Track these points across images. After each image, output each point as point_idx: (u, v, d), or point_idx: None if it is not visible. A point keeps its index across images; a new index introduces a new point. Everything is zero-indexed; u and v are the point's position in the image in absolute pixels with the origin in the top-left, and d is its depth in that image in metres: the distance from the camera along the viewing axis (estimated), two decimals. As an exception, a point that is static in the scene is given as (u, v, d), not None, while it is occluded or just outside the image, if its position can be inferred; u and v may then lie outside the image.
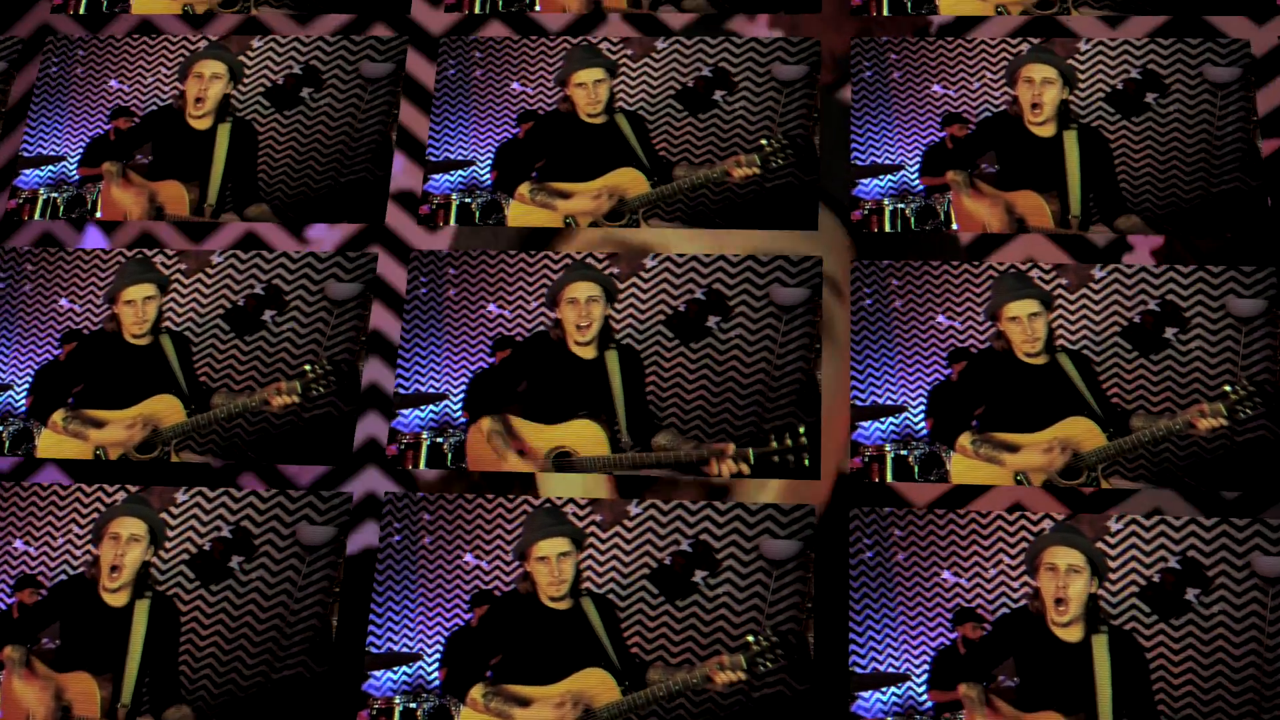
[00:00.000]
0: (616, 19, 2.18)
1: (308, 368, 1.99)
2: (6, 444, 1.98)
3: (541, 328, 1.99)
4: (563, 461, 1.91)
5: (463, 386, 1.97)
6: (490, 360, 1.98)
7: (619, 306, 1.99)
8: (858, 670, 1.75)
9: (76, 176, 2.16)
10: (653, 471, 1.88)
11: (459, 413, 1.95)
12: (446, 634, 1.82)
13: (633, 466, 1.89)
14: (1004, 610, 1.77)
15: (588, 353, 1.97)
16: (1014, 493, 1.83)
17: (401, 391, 1.96)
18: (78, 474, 1.95)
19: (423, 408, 1.96)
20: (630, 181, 2.07)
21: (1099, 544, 1.78)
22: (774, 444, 1.89)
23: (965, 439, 1.87)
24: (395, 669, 1.81)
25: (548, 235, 2.05)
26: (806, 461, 1.87)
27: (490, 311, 2.02)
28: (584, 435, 1.93)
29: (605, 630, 1.81)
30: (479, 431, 1.94)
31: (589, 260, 2.02)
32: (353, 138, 2.14)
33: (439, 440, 1.94)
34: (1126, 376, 1.88)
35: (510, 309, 2.01)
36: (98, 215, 2.13)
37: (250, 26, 2.24)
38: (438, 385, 1.97)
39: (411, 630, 1.83)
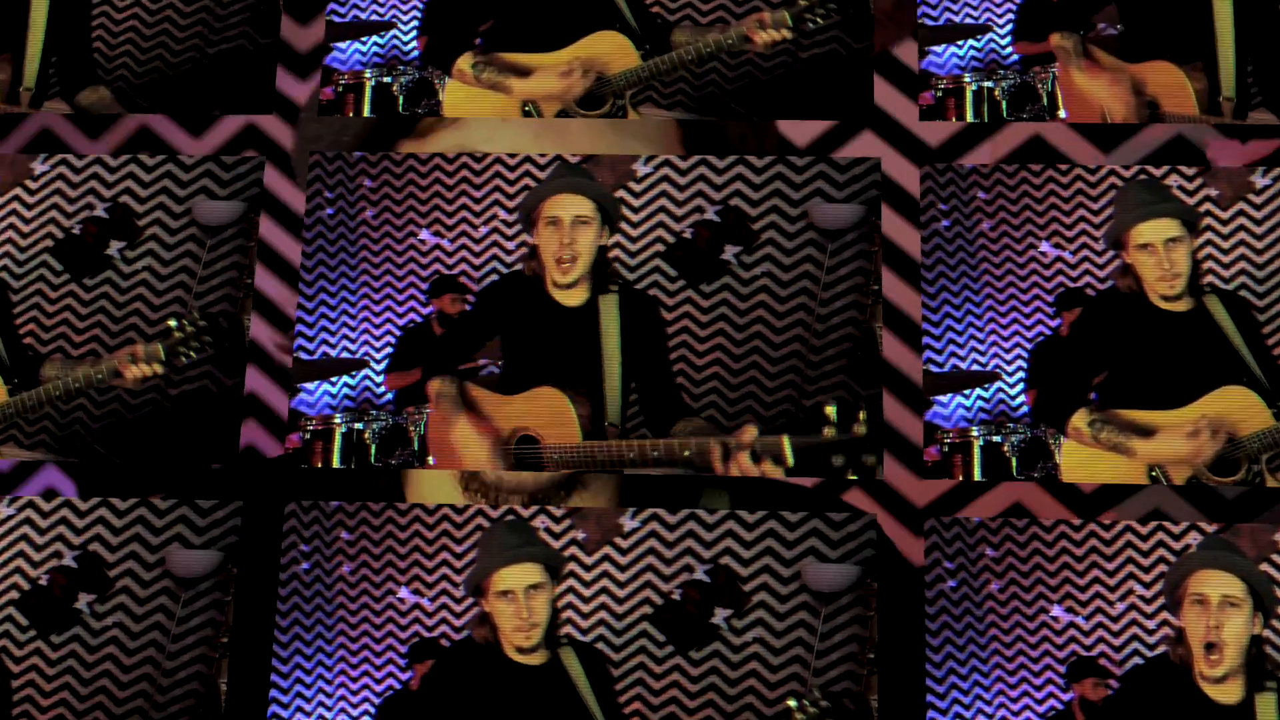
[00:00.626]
0: None
1: (172, 324, 1.45)
2: None
3: (506, 263, 1.46)
4: (526, 452, 1.42)
5: (387, 349, 1.44)
6: (425, 312, 1.45)
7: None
8: (937, 744, 1.31)
9: None
10: (646, 469, 1.42)
11: (382, 386, 1.43)
12: (377, 701, 1.35)
13: (612, 461, 1.39)
14: (1135, 661, 1.33)
15: (572, 297, 1.46)
16: (1148, 496, 1.34)
17: (304, 358, 1.44)
18: None
19: (334, 380, 1.44)
20: (612, 50, 1.51)
21: (1265, 567, 1.31)
22: (827, 432, 1.41)
23: (1080, 419, 1.38)
24: (309, 752, 1.35)
25: (483, 129, 1.47)
26: (871, 461, 1.38)
27: (423, 241, 1.48)
28: (549, 411, 1.42)
29: (593, 693, 1.34)
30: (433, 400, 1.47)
31: (580, 165, 1.48)
32: (224, -10, 1.57)
33: (358, 426, 1.42)
34: (1301, 328, 1.39)
35: (452, 237, 1.48)
36: None
37: None
38: (353, 349, 1.45)
39: (329, 696, 1.35)
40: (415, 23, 1.57)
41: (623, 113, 1.52)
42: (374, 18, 1.58)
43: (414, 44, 1.57)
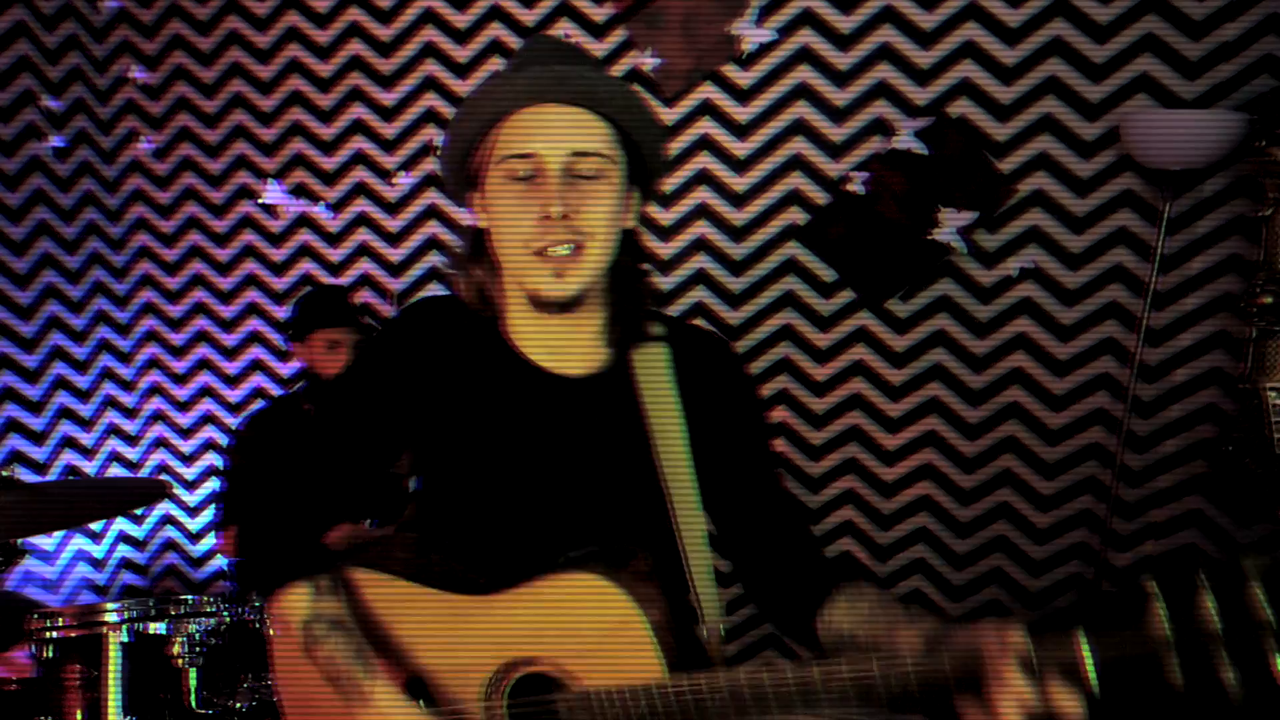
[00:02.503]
0: None
1: None
2: None
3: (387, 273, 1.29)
4: (534, 713, 1.07)
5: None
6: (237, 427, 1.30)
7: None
8: None
9: None
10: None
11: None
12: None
13: (732, 704, 0.91)
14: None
15: (572, 353, 1.17)
16: None
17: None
18: None
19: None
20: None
21: None
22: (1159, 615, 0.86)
23: None
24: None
25: None
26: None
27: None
28: (586, 620, 1.00)
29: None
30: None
31: (577, 47, 1.16)
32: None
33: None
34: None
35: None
36: None
37: None
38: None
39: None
40: None
41: None
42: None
43: None
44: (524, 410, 1.12)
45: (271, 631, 1.19)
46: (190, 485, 4.22)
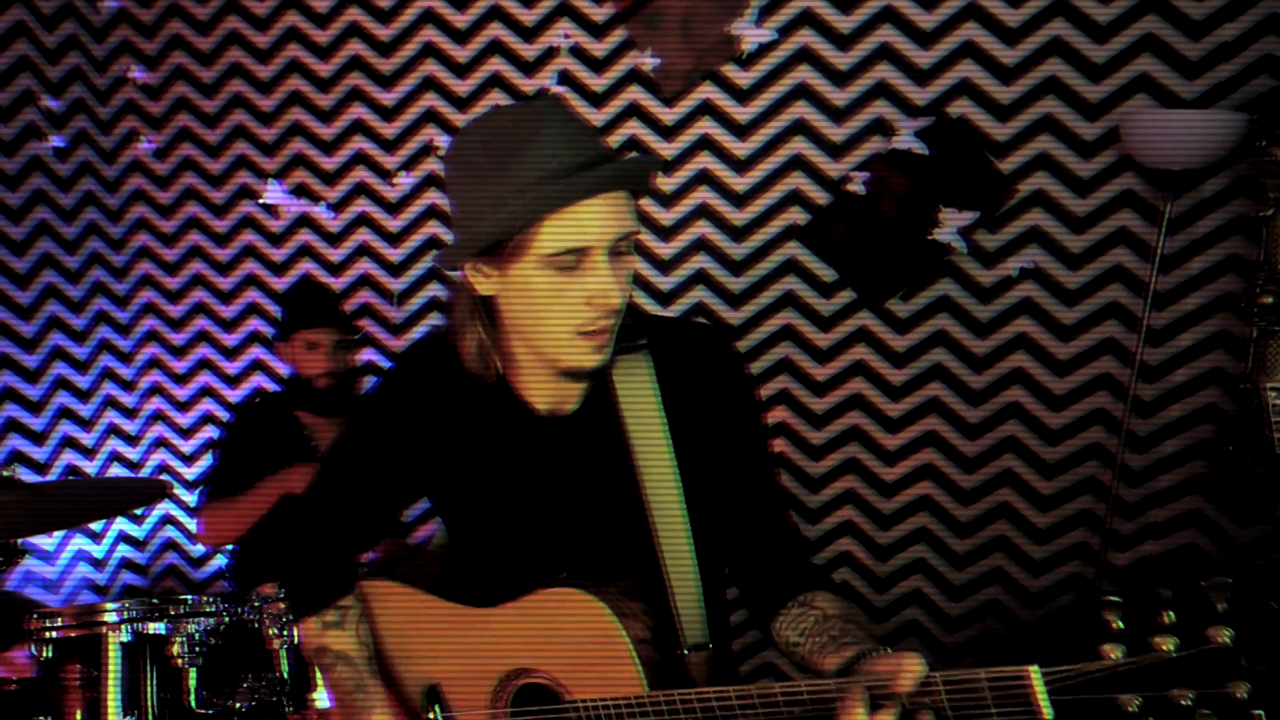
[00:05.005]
0: None
1: None
2: None
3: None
4: None
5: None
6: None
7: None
8: None
9: None
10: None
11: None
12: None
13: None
14: None
15: (556, 401, 1.21)
16: None
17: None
18: None
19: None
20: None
21: None
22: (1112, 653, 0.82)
23: None
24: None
25: None
26: None
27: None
28: (573, 633, 1.05)
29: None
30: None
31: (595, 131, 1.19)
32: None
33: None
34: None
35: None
36: None
37: None
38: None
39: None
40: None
41: None
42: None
43: None
44: (517, 452, 1.15)
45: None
46: (190, 485, 4.23)
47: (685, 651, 1.05)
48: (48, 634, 2.22)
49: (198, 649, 2.24)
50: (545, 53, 3.83)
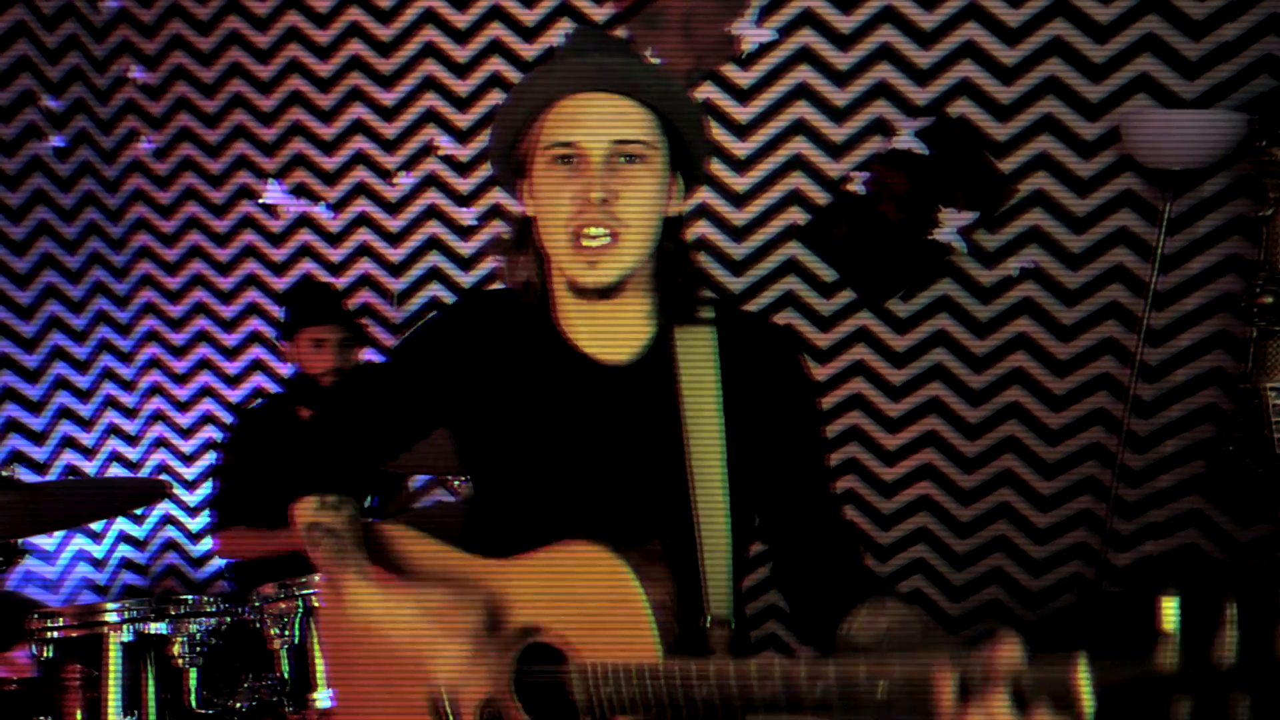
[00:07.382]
0: None
1: None
2: None
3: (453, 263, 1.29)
4: (540, 678, 1.01)
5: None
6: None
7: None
8: None
9: None
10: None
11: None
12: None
13: (727, 701, 0.88)
14: None
15: (613, 348, 1.17)
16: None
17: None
18: None
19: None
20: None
21: None
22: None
23: None
24: None
25: None
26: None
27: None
28: (588, 591, 0.98)
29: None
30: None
31: (618, 38, 1.16)
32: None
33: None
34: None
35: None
36: None
37: None
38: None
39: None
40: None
41: None
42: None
43: None
44: (566, 397, 1.15)
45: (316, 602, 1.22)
46: (190, 485, 4.22)
47: (708, 623, 1.02)
48: (48, 634, 2.22)
49: (198, 649, 2.23)
50: (545, 53, 3.83)
